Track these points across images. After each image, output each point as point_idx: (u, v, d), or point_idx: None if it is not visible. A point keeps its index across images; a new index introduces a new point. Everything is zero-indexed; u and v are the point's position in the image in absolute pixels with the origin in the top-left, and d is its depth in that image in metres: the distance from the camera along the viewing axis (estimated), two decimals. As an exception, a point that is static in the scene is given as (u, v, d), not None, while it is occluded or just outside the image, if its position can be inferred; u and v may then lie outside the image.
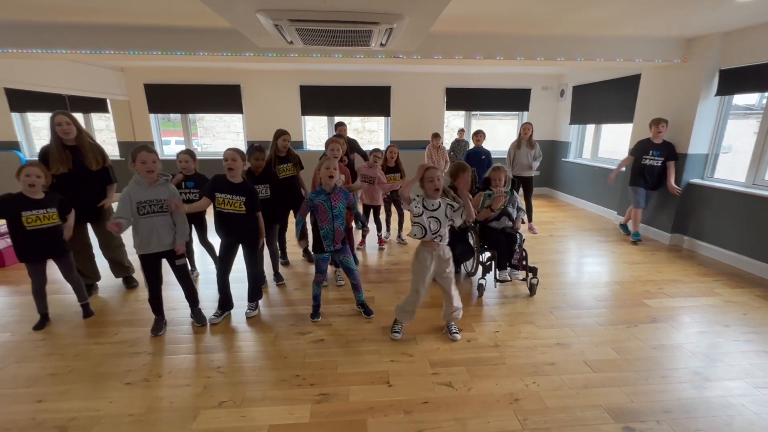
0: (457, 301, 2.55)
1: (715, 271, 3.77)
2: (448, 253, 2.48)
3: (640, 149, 4.44)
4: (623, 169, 4.80)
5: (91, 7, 3.24)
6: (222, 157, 2.62)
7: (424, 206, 2.38)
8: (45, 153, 2.82)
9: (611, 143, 6.44)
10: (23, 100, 6.48)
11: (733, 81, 3.97)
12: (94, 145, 2.99)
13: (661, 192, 4.55)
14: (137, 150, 2.41)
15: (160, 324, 2.68)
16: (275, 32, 2.62)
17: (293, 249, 4.03)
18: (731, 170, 4.36)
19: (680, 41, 4.29)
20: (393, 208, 4.65)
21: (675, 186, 4.31)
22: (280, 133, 3.51)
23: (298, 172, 3.66)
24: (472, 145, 5.24)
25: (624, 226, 4.93)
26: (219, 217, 2.66)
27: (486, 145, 5.15)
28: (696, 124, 4.24)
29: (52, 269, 2.74)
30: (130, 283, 3.40)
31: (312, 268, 3.79)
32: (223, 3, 2.17)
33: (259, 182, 3.14)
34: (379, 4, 2.12)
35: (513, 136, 7.88)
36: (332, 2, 2.09)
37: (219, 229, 2.72)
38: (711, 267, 3.89)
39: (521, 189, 5.11)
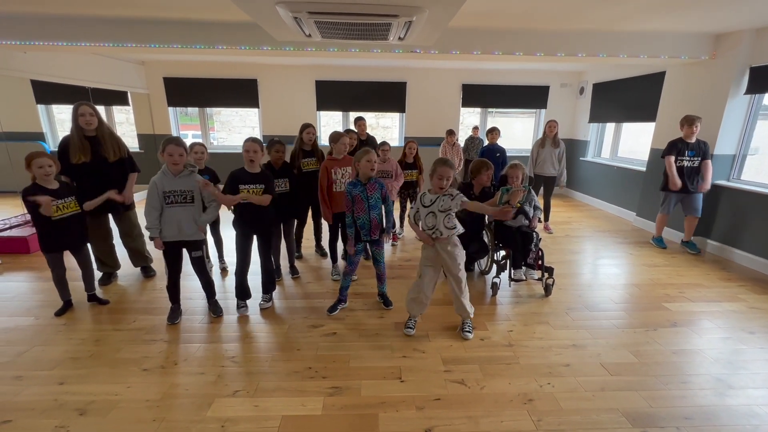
0: (462, 293, 2.50)
1: (740, 276, 3.64)
2: (452, 240, 2.45)
3: (673, 150, 4.03)
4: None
5: (115, 0, 3.30)
6: (243, 149, 2.64)
7: (422, 203, 2.42)
8: (66, 143, 2.89)
9: (631, 143, 6.27)
10: (48, 93, 6.66)
11: (765, 78, 3.81)
12: (113, 137, 3.05)
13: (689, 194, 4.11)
14: (167, 142, 2.47)
15: (176, 313, 2.73)
16: (294, 25, 2.62)
17: (308, 243, 4.04)
18: (757, 173, 4.19)
19: (709, 37, 4.13)
20: (408, 204, 4.62)
21: (706, 186, 3.99)
22: (305, 127, 3.54)
23: (320, 166, 3.66)
24: (486, 143, 5.18)
25: (688, 243, 4.29)
26: (242, 208, 2.67)
27: (502, 142, 5.07)
28: (723, 123, 4.09)
29: (68, 256, 2.79)
30: (147, 273, 3.47)
31: (324, 263, 3.82)
32: (244, -5, 2.18)
33: (279, 176, 3.16)
34: (399, -4, 2.10)
35: (530, 134, 7.80)
36: (352, -6, 2.07)
37: (240, 220, 2.73)
38: (735, 272, 3.75)
39: (542, 188, 5.02)
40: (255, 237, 2.81)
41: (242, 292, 2.85)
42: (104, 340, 2.48)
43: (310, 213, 3.78)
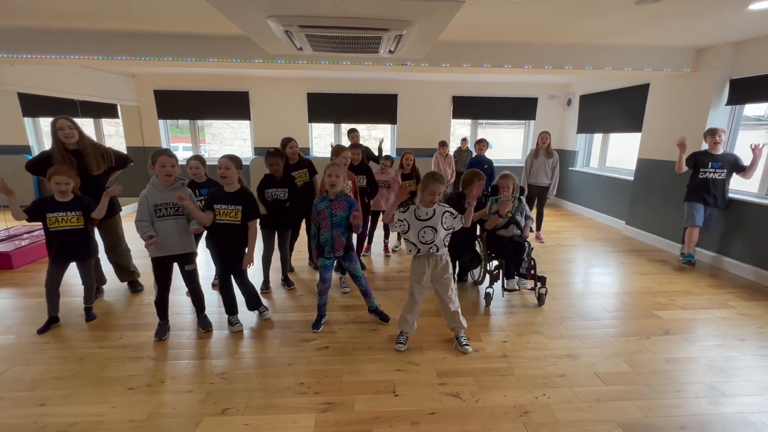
0: (454, 306, 2.51)
1: (728, 283, 3.69)
2: (445, 258, 2.46)
3: (696, 162, 3.90)
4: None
5: (105, 14, 3.30)
6: (218, 165, 2.55)
7: (416, 216, 2.36)
8: (46, 158, 2.79)
9: (619, 153, 6.39)
10: (36, 105, 6.58)
11: (744, 90, 3.94)
12: (96, 148, 2.96)
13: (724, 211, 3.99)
14: (158, 153, 2.44)
15: (164, 328, 2.66)
16: (285, 38, 2.64)
17: (299, 255, 4.00)
18: (741, 182, 4.28)
19: (690, 50, 4.26)
20: None
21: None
22: (285, 142, 3.52)
23: (311, 177, 3.66)
24: (475, 154, 5.22)
25: (687, 254, 4.05)
26: (213, 229, 2.57)
27: (493, 153, 5.12)
28: (706, 133, 4.19)
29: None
30: (134, 288, 3.39)
31: (317, 275, 3.78)
32: (235, 9, 2.19)
33: (280, 186, 3.15)
34: (389, 10, 2.13)
35: (519, 145, 7.91)
36: (343, 8, 2.10)
37: (211, 241, 2.65)
38: (724, 279, 3.80)
39: (536, 198, 5.06)
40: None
41: (230, 307, 2.78)
42: (88, 359, 2.39)
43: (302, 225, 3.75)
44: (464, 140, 6.21)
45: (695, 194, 3.97)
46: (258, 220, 2.69)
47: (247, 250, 2.64)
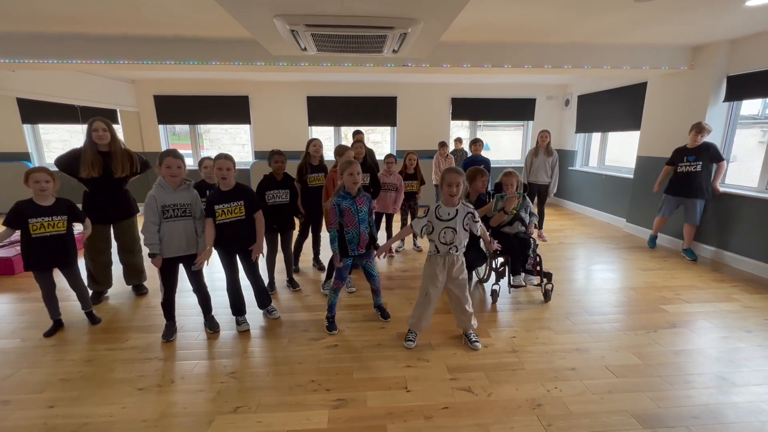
0: (470, 307, 2.51)
1: (731, 277, 3.71)
2: (460, 257, 2.45)
3: (676, 157, 4.20)
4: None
5: (106, 18, 3.31)
6: (215, 167, 2.53)
7: (437, 216, 2.34)
8: (76, 156, 2.87)
9: (618, 151, 6.44)
10: (35, 112, 6.57)
11: (741, 87, 3.99)
12: (124, 153, 3.02)
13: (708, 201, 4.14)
14: (164, 154, 2.43)
15: (171, 329, 2.64)
16: (290, 38, 2.66)
17: (304, 257, 3.99)
18: (737, 178, 4.33)
19: (687, 49, 4.32)
20: (408, 218, 4.59)
21: (716, 187, 4.06)
22: (309, 141, 3.49)
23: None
24: (470, 154, 5.24)
25: (687, 251, 4.31)
26: (220, 229, 2.55)
27: (491, 154, 5.14)
28: (705, 130, 4.24)
29: (59, 275, 2.72)
30: (140, 290, 3.37)
31: (323, 276, 3.77)
32: (242, 8, 2.21)
33: (280, 187, 3.14)
34: (395, 8, 2.16)
35: (517, 146, 7.96)
36: (349, 7, 2.12)
37: (220, 240, 2.61)
38: (727, 273, 3.83)
39: (536, 197, 5.09)
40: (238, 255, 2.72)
41: (238, 307, 2.77)
42: (96, 360, 2.38)
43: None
44: (457, 140, 6.28)
45: (672, 187, 4.27)
46: (262, 211, 2.72)
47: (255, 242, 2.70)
